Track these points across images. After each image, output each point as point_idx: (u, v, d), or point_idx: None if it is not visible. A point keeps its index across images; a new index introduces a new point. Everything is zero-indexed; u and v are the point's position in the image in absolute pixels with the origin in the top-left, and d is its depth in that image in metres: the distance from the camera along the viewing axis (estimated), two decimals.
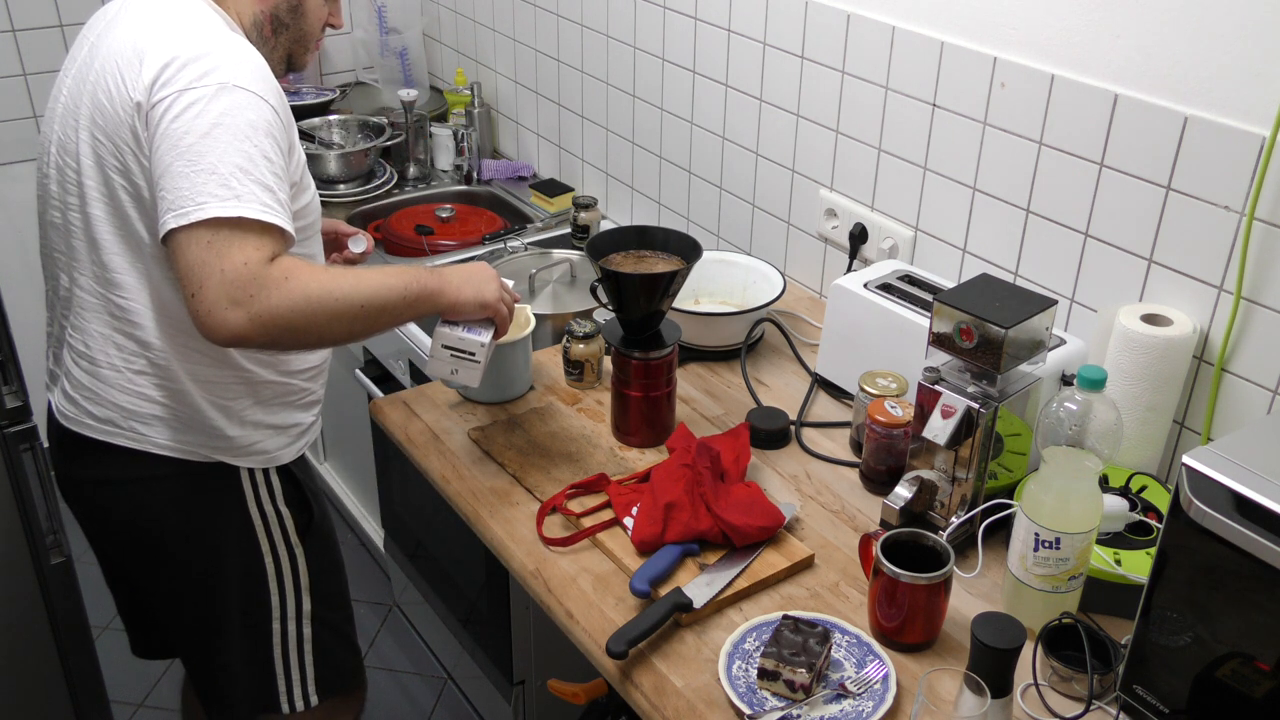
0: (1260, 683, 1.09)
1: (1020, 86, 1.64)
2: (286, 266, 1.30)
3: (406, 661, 2.63)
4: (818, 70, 1.97)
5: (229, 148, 1.28)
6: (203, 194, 1.26)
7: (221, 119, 1.29)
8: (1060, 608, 1.31)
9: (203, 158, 1.27)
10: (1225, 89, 1.41)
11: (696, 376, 1.89)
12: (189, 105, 1.29)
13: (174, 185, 1.27)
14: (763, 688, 1.26)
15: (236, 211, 1.27)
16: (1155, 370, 1.48)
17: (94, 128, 1.38)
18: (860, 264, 2.00)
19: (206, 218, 1.26)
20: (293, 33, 1.53)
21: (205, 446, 1.50)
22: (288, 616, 1.62)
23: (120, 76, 1.35)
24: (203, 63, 1.32)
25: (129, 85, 1.33)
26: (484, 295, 1.48)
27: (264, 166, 1.31)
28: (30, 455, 1.81)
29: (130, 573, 1.64)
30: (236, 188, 1.27)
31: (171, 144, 1.29)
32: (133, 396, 1.47)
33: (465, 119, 2.91)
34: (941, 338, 1.42)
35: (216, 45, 1.35)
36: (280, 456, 1.58)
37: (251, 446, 1.53)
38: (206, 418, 1.49)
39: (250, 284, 1.26)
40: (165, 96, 1.30)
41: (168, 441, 1.49)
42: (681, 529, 1.45)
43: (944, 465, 1.45)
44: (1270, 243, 1.40)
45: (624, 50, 2.43)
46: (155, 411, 1.47)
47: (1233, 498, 1.06)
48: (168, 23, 1.38)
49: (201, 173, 1.27)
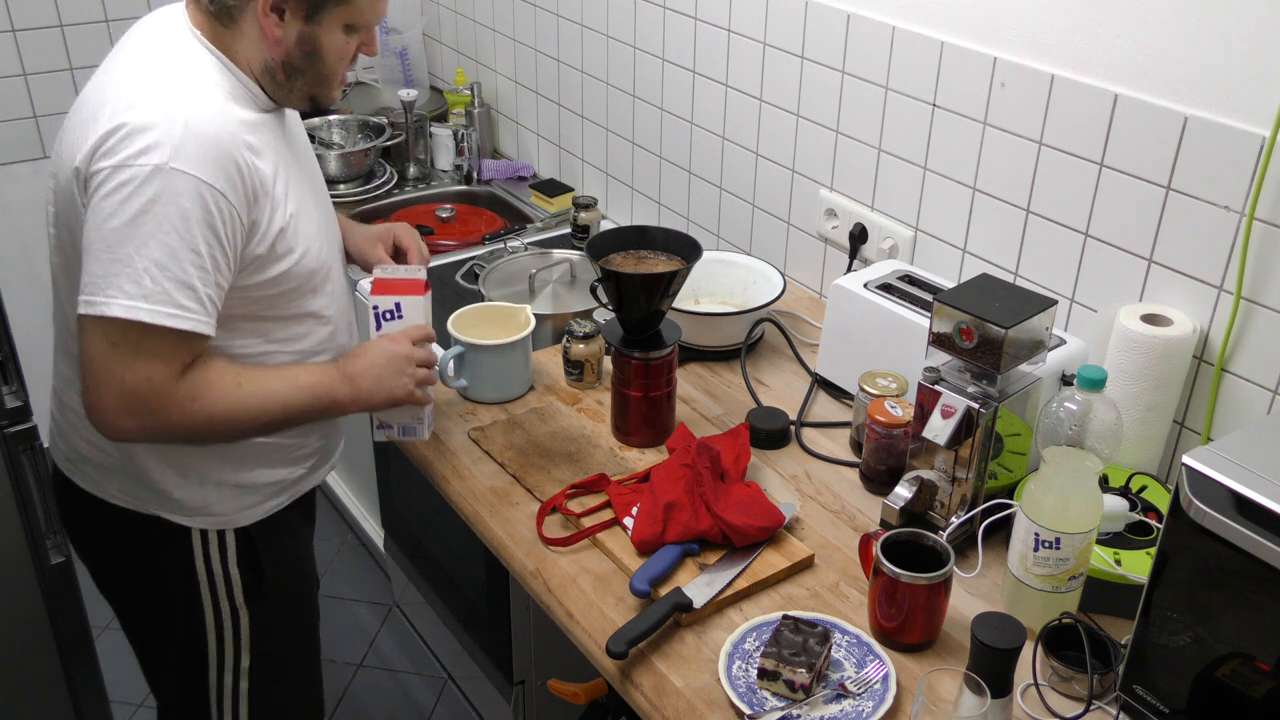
0: (1260, 683, 1.09)
1: (1020, 86, 1.64)
2: (195, 387, 1.29)
3: (406, 661, 2.63)
4: (818, 70, 1.97)
5: (150, 239, 1.22)
6: (112, 286, 1.22)
7: (150, 206, 1.22)
8: (1060, 608, 1.31)
9: (121, 246, 1.22)
10: (1225, 89, 1.41)
11: (696, 376, 1.89)
12: (120, 184, 1.22)
13: (89, 268, 1.23)
14: (763, 688, 1.26)
15: (137, 316, 1.22)
16: (1155, 370, 1.48)
17: (56, 179, 1.34)
18: (860, 264, 2.00)
19: (110, 315, 1.22)
20: (310, 77, 1.40)
21: (152, 503, 1.44)
22: (225, 668, 1.55)
23: (82, 131, 1.28)
24: (146, 136, 1.23)
25: (80, 145, 1.27)
26: (394, 394, 1.45)
27: (188, 261, 1.24)
28: (30, 455, 1.81)
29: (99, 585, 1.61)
30: (148, 285, 1.22)
31: (96, 224, 1.23)
32: (87, 444, 1.44)
33: (465, 119, 2.91)
34: (941, 338, 1.42)
35: (170, 115, 1.25)
36: (238, 519, 1.48)
37: (204, 508, 1.45)
38: (153, 476, 1.42)
39: (151, 400, 1.26)
40: (102, 169, 1.23)
41: (117, 491, 1.45)
42: (681, 529, 1.45)
43: (944, 465, 1.45)
44: (1270, 243, 1.40)
45: (624, 50, 2.43)
46: (105, 461, 1.43)
47: (1233, 498, 1.06)
48: (139, 76, 1.30)
49: (116, 262, 1.22)
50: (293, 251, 1.38)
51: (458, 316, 1.78)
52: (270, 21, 1.32)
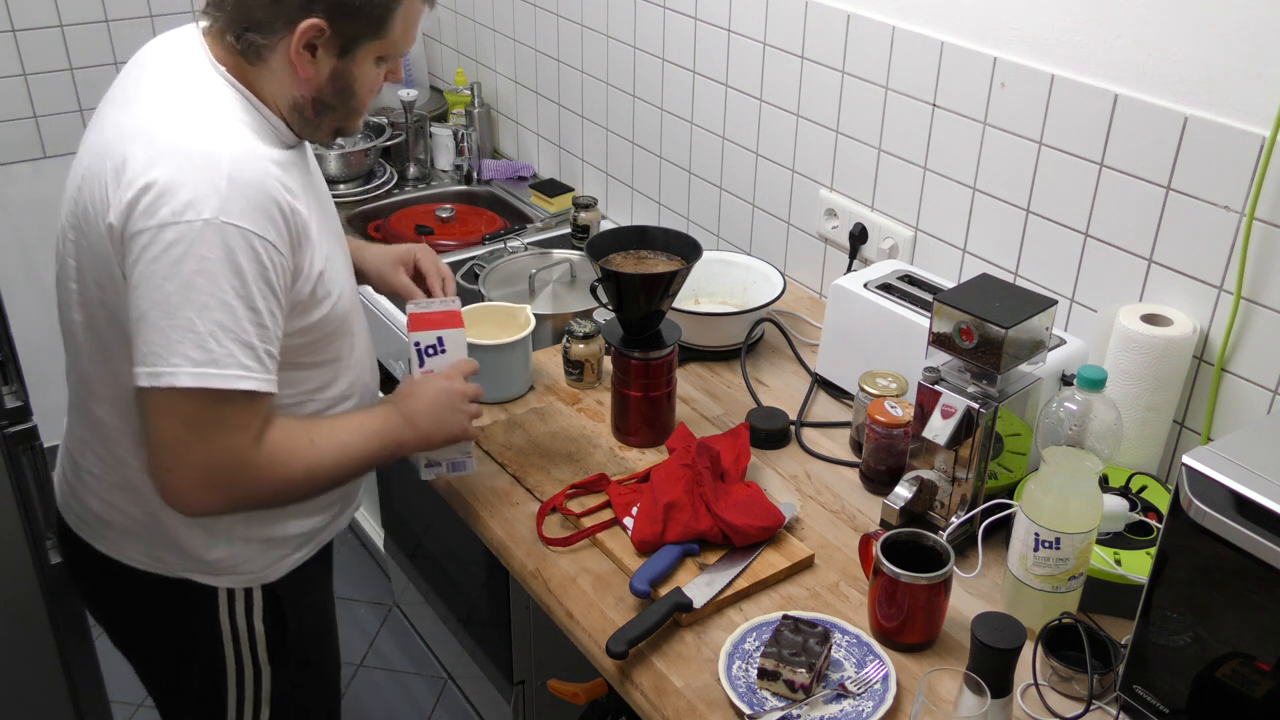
0: (1260, 683, 1.09)
1: (1020, 86, 1.64)
2: (274, 453, 1.25)
3: (406, 661, 2.63)
4: (818, 70, 1.97)
5: (210, 300, 1.16)
6: (176, 354, 1.16)
7: (205, 265, 1.16)
8: (1060, 608, 1.31)
9: (180, 310, 1.16)
10: (1225, 89, 1.41)
11: (696, 376, 1.89)
12: (170, 245, 1.15)
13: (148, 337, 1.17)
14: (763, 688, 1.26)
15: (209, 384, 1.17)
16: (1155, 370, 1.48)
17: (79, 231, 1.26)
18: (860, 264, 2.00)
19: (180, 386, 1.17)
20: (341, 111, 1.35)
21: (179, 566, 1.38)
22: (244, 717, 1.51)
23: (105, 184, 1.21)
24: (188, 190, 1.16)
25: (109, 199, 1.20)
26: (452, 431, 1.45)
27: (247, 319, 1.19)
28: (30, 455, 1.81)
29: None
30: (214, 349, 1.17)
31: (150, 289, 1.16)
32: (109, 508, 1.37)
33: (465, 119, 2.91)
34: (941, 338, 1.42)
35: (209, 164, 1.18)
36: (266, 575, 1.42)
37: (234, 567, 1.39)
38: (181, 538, 1.36)
39: (235, 472, 1.22)
40: (145, 230, 1.16)
41: (141, 556, 1.39)
42: (681, 529, 1.45)
43: (944, 465, 1.45)
44: (1270, 243, 1.40)
45: (624, 50, 2.43)
46: (131, 526, 1.37)
47: (1233, 498, 1.06)
48: (166, 120, 1.22)
49: (178, 329, 1.16)
50: (330, 295, 1.34)
51: None
52: (303, 59, 1.26)
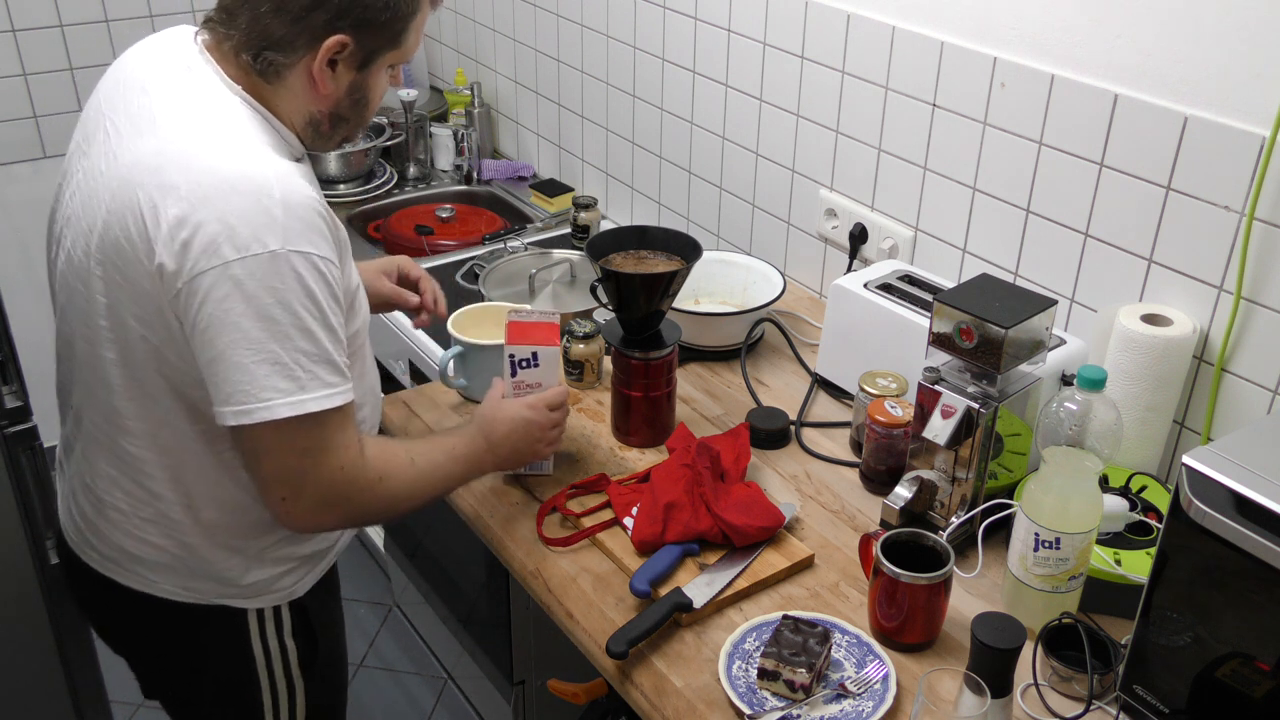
0: (1260, 683, 1.09)
1: (1020, 86, 1.64)
2: (379, 468, 1.28)
3: (406, 661, 2.63)
4: (818, 70, 1.97)
5: (292, 329, 1.17)
6: (267, 389, 1.17)
7: (280, 296, 1.16)
8: (1060, 608, 1.31)
9: (265, 345, 1.16)
10: (1225, 89, 1.41)
11: (696, 376, 1.89)
12: (241, 282, 1.15)
13: (230, 375, 1.17)
14: (763, 688, 1.26)
15: (304, 409, 1.18)
16: (1155, 370, 1.48)
17: (110, 267, 1.21)
18: (860, 264, 2.00)
19: (275, 419, 1.17)
20: (354, 122, 1.35)
21: (213, 593, 1.38)
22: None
23: (142, 219, 1.17)
24: (247, 224, 1.15)
25: (152, 235, 1.17)
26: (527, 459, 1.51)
27: (326, 339, 1.20)
28: (30, 455, 1.81)
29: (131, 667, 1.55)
30: (302, 377, 1.18)
31: (227, 327, 1.16)
32: (138, 543, 1.35)
33: (465, 119, 2.91)
34: (941, 338, 1.42)
35: (260, 193, 1.16)
36: (297, 590, 1.43)
37: (268, 587, 1.40)
38: (217, 566, 1.37)
39: (347, 488, 1.25)
40: (210, 269, 1.14)
41: (173, 588, 1.37)
42: (681, 529, 1.45)
43: (944, 465, 1.45)
44: (1270, 243, 1.40)
45: (624, 50, 2.43)
46: (162, 560, 1.36)
47: (1233, 498, 1.06)
48: (197, 150, 1.19)
49: (263, 363, 1.16)
50: (363, 305, 1.37)
51: (458, 317, 1.78)
52: (325, 75, 1.26)
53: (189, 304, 1.16)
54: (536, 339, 1.52)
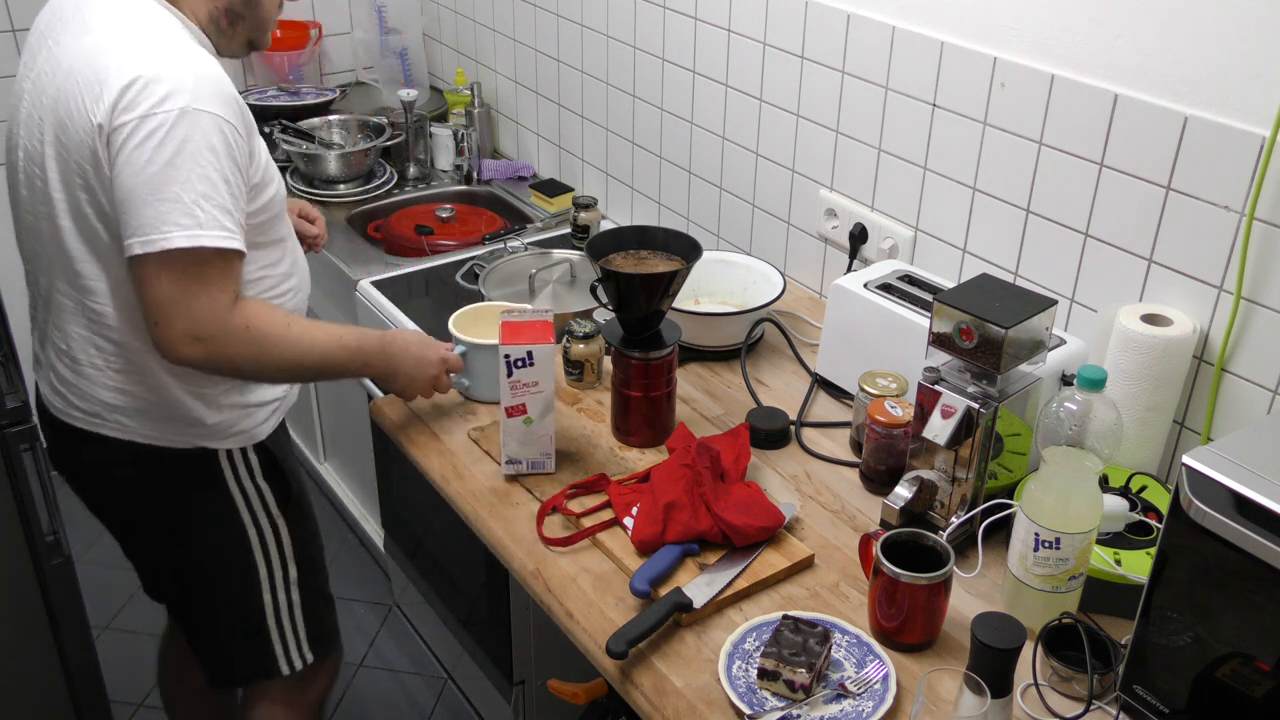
0: (1260, 683, 1.09)
1: (1020, 86, 1.64)
2: (248, 315, 1.42)
3: (406, 661, 2.63)
4: (818, 70, 1.97)
5: (191, 174, 1.34)
6: (167, 222, 1.33)
7: (184, 146, 1.34)
8: (1060, 608, 1.31)
9: (166, 186, 1.33)
10: (1225, 89, 1.41)
11: (696, 376, 1.89)
12: (151, 132, 1.33)
13: (138, 212, 1.34)
14: (763, 688, 1.26)
15: (199, 242, 1.34)
16: (1155, 370, 1.48)
17: (59, 145, 1.41)
18: (860, 264, 2.00)
19: (172, 248, 1.33)
20: (250, 21, 1.55)
21: (184, 434, 1.56)
22: (276, 586, 1.69)
23: (81, 97, 1.37)
24: (163, 85, 1.34)
25: (89, 107, 1.36)
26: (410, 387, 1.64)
27: (224, 190, 1.37)
28: (30, 455, 1.80)
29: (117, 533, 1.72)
30: (200, 215, 1.34)
31: (135, 171, 1.33)
32: (114, 393, 1.53)
33: (465, 119, 2.91)
34: (941, 338, 1.42)
35: (176, 63, 1.37)
36: (257, 434, 1.63)
37: (230, 428, 1.59)
38: (185, 408, 1.54)
39: (213, 325, 1.38)
40: (127, 121, 1.33)
41: (149, 431, 1.55)
42: (681, 529, 1.45)
43: (944, 465, 1.45)
44: (1270, 243, 1.40)
45: (624, 50, 2.43)
46: (136, 405, 1.53)
47: (1233, 498, 1.06)
48: (126, 35, 1.40)
49: (166, 201, 1.33)
50: (273, 180, 1.53)
51: (458, 316, 1.78)
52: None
53: (112, 154, 1.35)
54: (531, 338, 1.53)
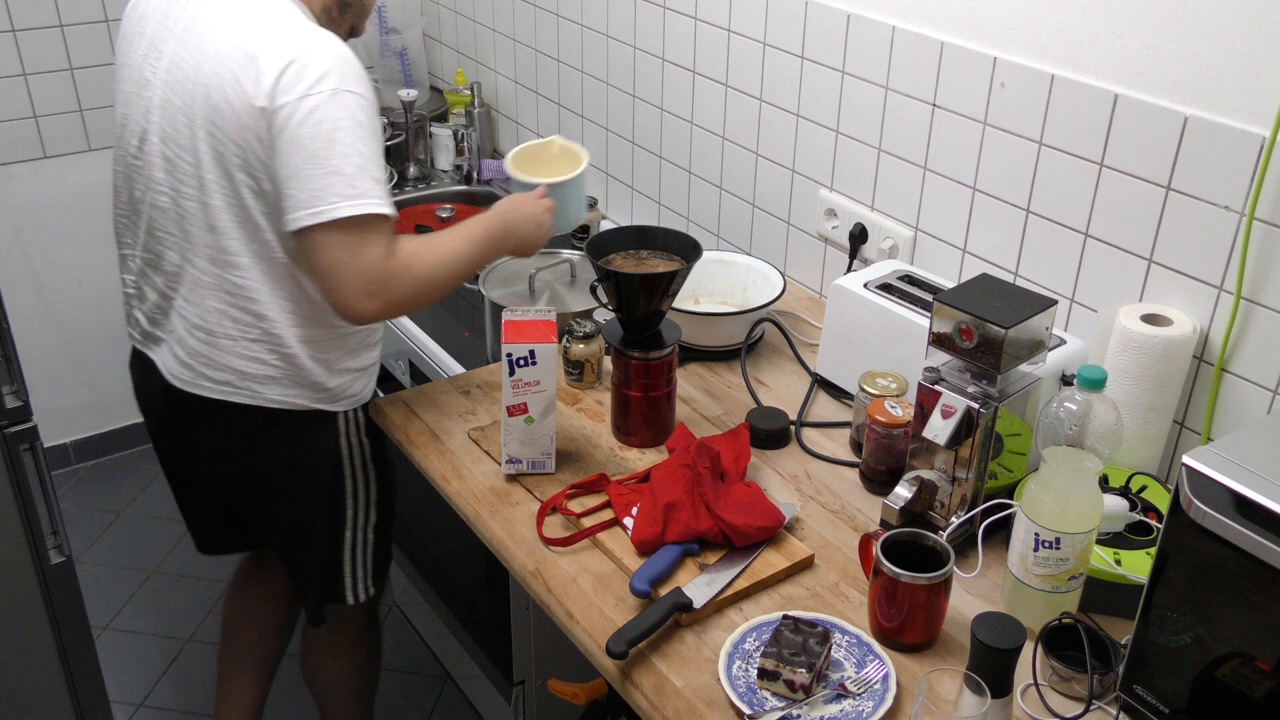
0: (1260, 683, 1.09)
1: (1020, 86, 1.64)
2: (405, 256, 1.55)
3: (406, 661, 2.63)
4: (818, 70, 1.97)
5: (348, 149, 1.48)
6: (332, 194, 1.47)
7: (339, 124, 1.48)
8: (1060, 608, 1.31)
9: (328, 161, 1.47)
10: (1225, 89, 1.41)
11: (696, 376, 1.89)
12: (310, 111, 1.47)
13: (304, 186, 1.47)
14: (763, 688, 1.26)
15: (361, 210, 1.48)
16: (1155, 370, 1.48)
17: (212, 128, 1.53)
18: (860, 264, 2.00)
19: (339, 217, 1.47)
20: (355, 9, 1.71)
21: (308, 398, 1.71)
22: (357, 527, 1.85)
23: (237, 81, 1.49)
24: (315, 67, 1.48)
25: (249, 91, 1.48)
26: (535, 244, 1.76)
27: (373, 161, 1.51)
28: (30, 455, 1.81)
29: (226, 490, 1.86)
30: (360, 186, 1.48)
31: (299, 148, 1.47)
32: (248, 361, 1.66)
33: (465, 119, 2.91)
34: (941, 338, 1.42)
35: (321, 47, 1.51)
36: (363, 395, 1.79)
37: (344, 391, 1.74)
38: (311, 374, 1.69)
39: (382, 278, 1.52)
40: (287, 103, 1.47)
41: (279, 397, 1.69)
42: (681, 529, 1.45)
43: (944, 465, 1.45)
44: (1270, 243, 1.40)
45: (624, 50, 2.43)
46: (269, 373, 1.67)
47: (1233, 498, 1.06)
48: (267, 24, 1.53)
49: (329, 175, 1.47)
50: None
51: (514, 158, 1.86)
52: None
53: (274, 133, 1.48)
54: (533, 337, 1.54)
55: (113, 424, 3.34)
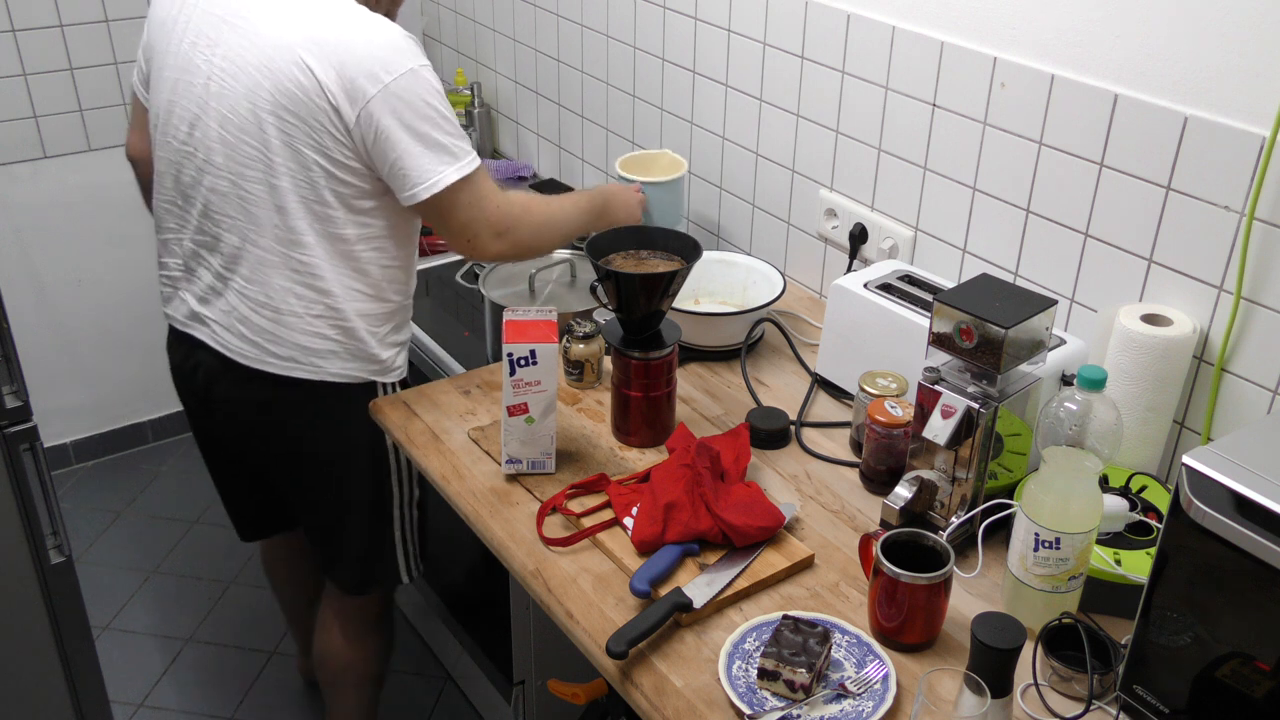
0: (1260, 683, 1.09)
1: (1020, 86, 1.64)
2: (524, 202, 1.77)
3: (406, 661, 2.63)
4: (818, 70, 1.97)
5: (438, 122, 1.63)
6: (439, 166, 1.64)
7: (424, 100, 1.62)
8: (1060, 608, 1.31)
9: (427, 136, 1.62)
10: (1225, 89, 1.41)
11: (696, 376, 1.89)
12: (397, 96, 1.59)
13: (414, 165, 1.62)
14: (763, 688, 1.26)
15: (464, 171, 1.65)
16: (1155, 370, 1.48)
17: (282, 111, 1.61)
18: (860, 264, 2.00)
19: (449, 184, 1.64)
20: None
21: (363, 371, 1.81)
22: (404, 503, 1.94)
23: (309, 69, 1.59)
24: (387, 53, 1.60)
25: (321, 79, 1.58)
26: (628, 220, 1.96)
27: (455, 123, 1.67)
28: (30, 455, 1.81)
29: (268, 467, 1.94)
30: (456, 152, 1.65)
31: (401, 129, 1.60)
32: (312, 337, 1.75)
33: (465, 119, 2.91)
34: (941, 338, 1.42)
35: (385, 31, 1.62)
36: (402, 369, 1.89)
37: (391, 364, 1.85)
38: (368, 346, 1.79)
39: (506, 220, 1.72)
40: (375, 93, 1.59)
41: (339, 370, 1.78)
42: (681, 529, 1.45)
43: (944, 465, 1.45)
44: (1270, 243, 1.40)
45: (624, 50, 2.43)
46: (331, 348, 1.76)
47: (1233, 498, 1.06)
48: (328, 11, 1.62)
49: (431, 149, 1.63)
50: None
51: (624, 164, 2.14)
52: None
53: (367, 124, 1.60)
54: (534, 337, 1.54)
55: (113, 424, 3.34)
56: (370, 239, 1.72)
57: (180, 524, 3.07)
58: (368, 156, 1.64)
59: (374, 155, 1.63)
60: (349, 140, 1.62)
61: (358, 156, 1.64)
